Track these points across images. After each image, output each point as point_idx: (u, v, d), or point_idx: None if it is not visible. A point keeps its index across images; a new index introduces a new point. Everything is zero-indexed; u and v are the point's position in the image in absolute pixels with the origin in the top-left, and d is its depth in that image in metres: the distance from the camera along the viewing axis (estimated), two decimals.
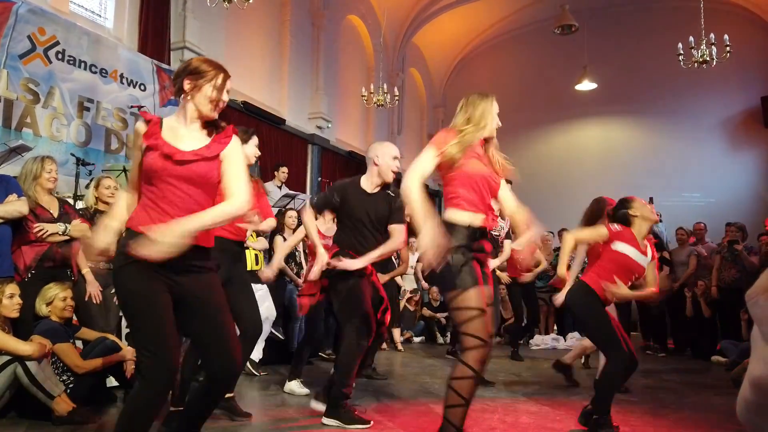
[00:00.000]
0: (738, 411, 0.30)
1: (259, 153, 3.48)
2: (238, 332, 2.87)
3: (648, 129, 12.63)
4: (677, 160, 11.96)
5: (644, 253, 3.39)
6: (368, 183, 3.50)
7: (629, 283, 3.37)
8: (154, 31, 7.02)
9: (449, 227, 2.55)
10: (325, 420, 3.27)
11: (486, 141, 2.81)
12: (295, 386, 4.27)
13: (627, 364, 3.22)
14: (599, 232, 3.45)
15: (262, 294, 5.22)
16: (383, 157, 3.46)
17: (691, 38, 8.08)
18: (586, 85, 12.07)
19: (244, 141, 3.23)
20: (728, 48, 7.82)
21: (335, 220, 3.90)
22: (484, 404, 3.98)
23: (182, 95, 2.17)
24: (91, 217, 3.90)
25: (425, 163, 2.59)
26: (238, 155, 2.21)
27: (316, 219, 4.03)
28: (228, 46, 8.41)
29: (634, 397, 4.42)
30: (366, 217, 3.44)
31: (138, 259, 1.91)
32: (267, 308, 5.27)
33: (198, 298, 2.09)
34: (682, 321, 7.22)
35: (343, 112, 11.52)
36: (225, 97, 2.23)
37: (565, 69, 12.65)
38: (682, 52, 8.13)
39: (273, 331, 5.34)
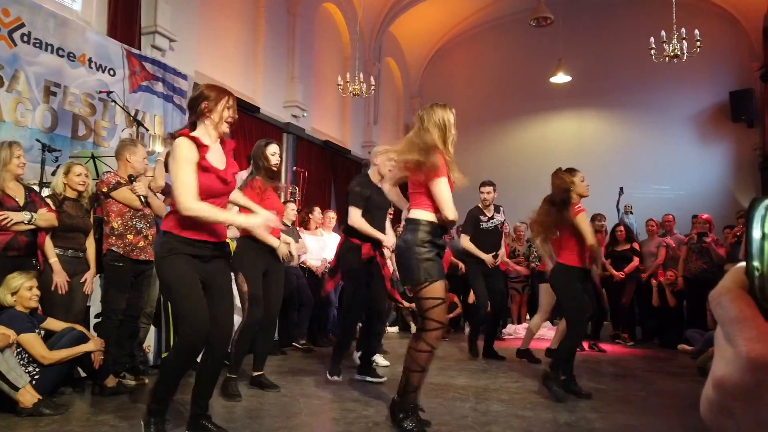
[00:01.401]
0: (701, 410, 0.30)
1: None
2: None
3: (620, 122, 12.81)
4: (648, 152, 12.16)
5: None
6: (375, 179, 4.29)
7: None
8: (124, 14, 6.83)
9: (416, 224, 3.02)
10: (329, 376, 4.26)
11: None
12: (378, 359, 4.82)
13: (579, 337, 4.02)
14: (589, 226, 4.01)
15: (236, 282, 5.20)
16: (381, 158, 4.26)
17: (663, 32, 8.19)
18: (561, 78, 12.17)
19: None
20: (698, 43, 7.94)
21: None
22: (455, 392, 4.02)
23: (202, 118, 2.71)
24: (60, 204, 3.80)
25: (448, 193, 3.00)
26: None
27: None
28: (201, 31, 8.25)
29: (603, 384, 4.51)
30: (384, 205, 4.28)
31: (179, 252, 2.55)
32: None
33: (215, 279, 2.69)
34: (650, 311, 7.38)
35: (319, 101, 11.43)
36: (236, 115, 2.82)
37: (541, 61, 12.74)
38: (653, 46, 8.23)
39: None
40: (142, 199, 3.88)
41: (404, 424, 2.93)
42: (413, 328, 8.17)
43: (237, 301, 4.92)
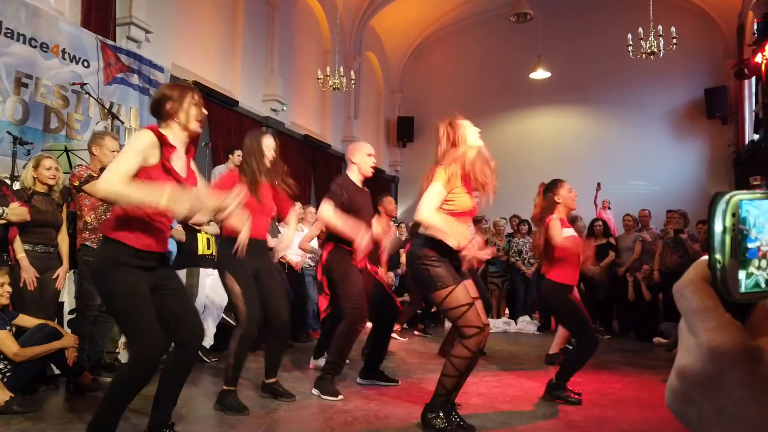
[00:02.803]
0: (666, 399, 0.31)
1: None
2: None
3: (598, 118, 12.94)
4: (625, 148, 12.32)
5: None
6: (356, 179, 3.88)
7: (580, 255, 3.93)
8: (98, 4, 6.68)
9: (419, 237, 2.99)
10: (314, 390, 3.71)
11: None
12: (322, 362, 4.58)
13: (594, 347, 3.79)
14: (560, 230, 3.80)
15: (213, 279, 5.12)
16: (359, 156, 3.89)
17: (641, 29, 8.28)
18: (540, 74, 12.25)
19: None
20: (675, 40, 8.04)
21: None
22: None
23: (168, 119, 2.53)
24: (29, 198, 3.71)
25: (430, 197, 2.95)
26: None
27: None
28: (178, 22, 8.12)
29: (580, 377, 4.56)
30: (364, 208, 3.87)
31: (127, 264, 2.36)
32: (220, 295, 5.17)
33: (166, 283, 2.54)
34: (627, 304, 7.49)
35: (299, 95, 11.34)
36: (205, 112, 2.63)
37: (520, 57, 12.80)
38: (631, 43, 8.32)
39: (224, 317, 5.24)
40: None
41: (433, 422, 2.93)
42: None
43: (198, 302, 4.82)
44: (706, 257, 0.36)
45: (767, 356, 0.33)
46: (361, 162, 3.88)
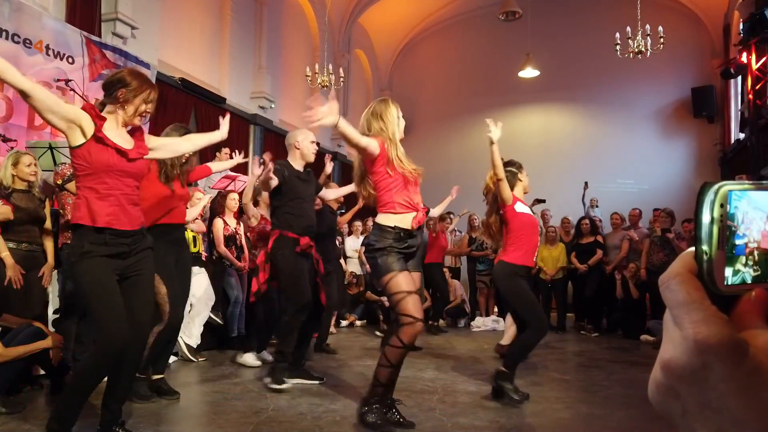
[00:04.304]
0: (649, 393, 0.31)
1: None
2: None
3: (586, 117, 13.00)
4: (613, 147, 12.39)
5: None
6: (298, 165, 3.97)
7: (537, 239, 3.86)
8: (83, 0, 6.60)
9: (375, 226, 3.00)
10: (265, 379, 3.77)
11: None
12: (249, 358, 4.48)
13: (543, 333, 3.70)
14: (510, 193, 3.73)
15: (200, 277, 5.08)
16: (303, 142, 3.99)
17: (629, 28, 8.33)
18: (529, 72, 12.28)
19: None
20: (662, 39, 8.10)
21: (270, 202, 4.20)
22: (424, 385, 4.03)
23: (115, 104, 2.50)
24: (8, 196, 3.65)
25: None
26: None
27: (256, 201, 4.39)
28: (164, 18, 8.04)
29: (568, 375, 4.58)
30: (305, 194, 3.90)
31: (93, 254, 2.34)
32: (206, 292, 5.13)
33: (133, 274, 2.50)
34: (614, 302, 7.54)
35: (287, 93, 11.28)
36: (150, 108, 2.59)
37: (509, 55, 12.82)
38: (619, 42, 8.37)
39: (212, 315, 5.20)
40: None
41: (365, 417, 2.87)
42: (382, 322, 8.17)
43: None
44: (692, 249, 0.35)
45: (753, 350, 0.32)
46: (305, 148, 4.00)
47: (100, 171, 2.38)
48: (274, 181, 3.78)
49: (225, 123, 3.33)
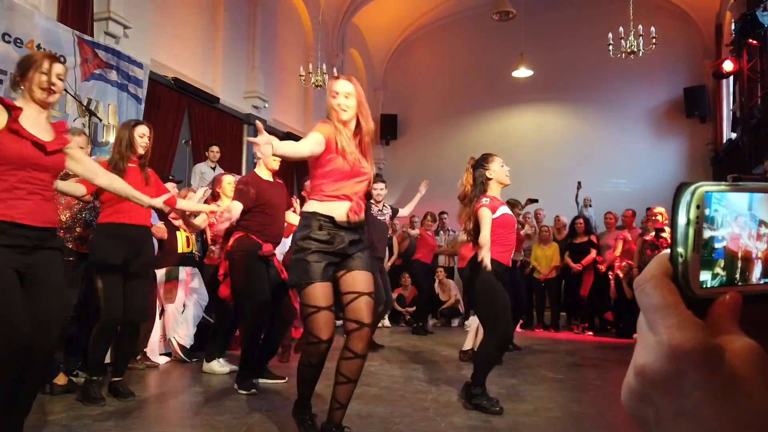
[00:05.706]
0: (622, 398, 0.30)
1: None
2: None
3: (579, 116, 13.04)
4: (606, 147, 12.43)
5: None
6: (264, 174, 3.94)
7: (514, 237, 3.63)
8: None
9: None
10: (235, 385, 3.76)
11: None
12: (216, 365, 4.35)
13: (501, 342, 3.44)
14: (488, 220, 3.39)
15: (194, 276, 5.07)
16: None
17: (621, 29, 8.36)
18: (523, 72, 12.31)
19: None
20: (654, 40, 8.13)
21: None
22: (417, 384, 4.03)
23: (16, 86, 2.42)
24: None
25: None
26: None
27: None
28: (157, 17, 8.00)
29: (561, 374, 4.59)
30: (273, 201, 3.87)
31: None
32: (200, 294, 5.10)
33: (37, 274, 2.31)
34: (607, 301, 7.57)
35: (281, 92, 11.26)
36: (57, 82, 2.43)
37: (503, 55, 12.84)
38: (611, 42, 8.40)
39: (205, 316, 5.18)
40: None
41: (300, 427, 2.79)
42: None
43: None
44: (668, 251, 0.34)
45: (728, 356, 0.31)
46: (265, 157, 3.57)
47: (12, 163, 2.26)
48: (237, 212, 3.72)
49: (160, 200, 3.13)
